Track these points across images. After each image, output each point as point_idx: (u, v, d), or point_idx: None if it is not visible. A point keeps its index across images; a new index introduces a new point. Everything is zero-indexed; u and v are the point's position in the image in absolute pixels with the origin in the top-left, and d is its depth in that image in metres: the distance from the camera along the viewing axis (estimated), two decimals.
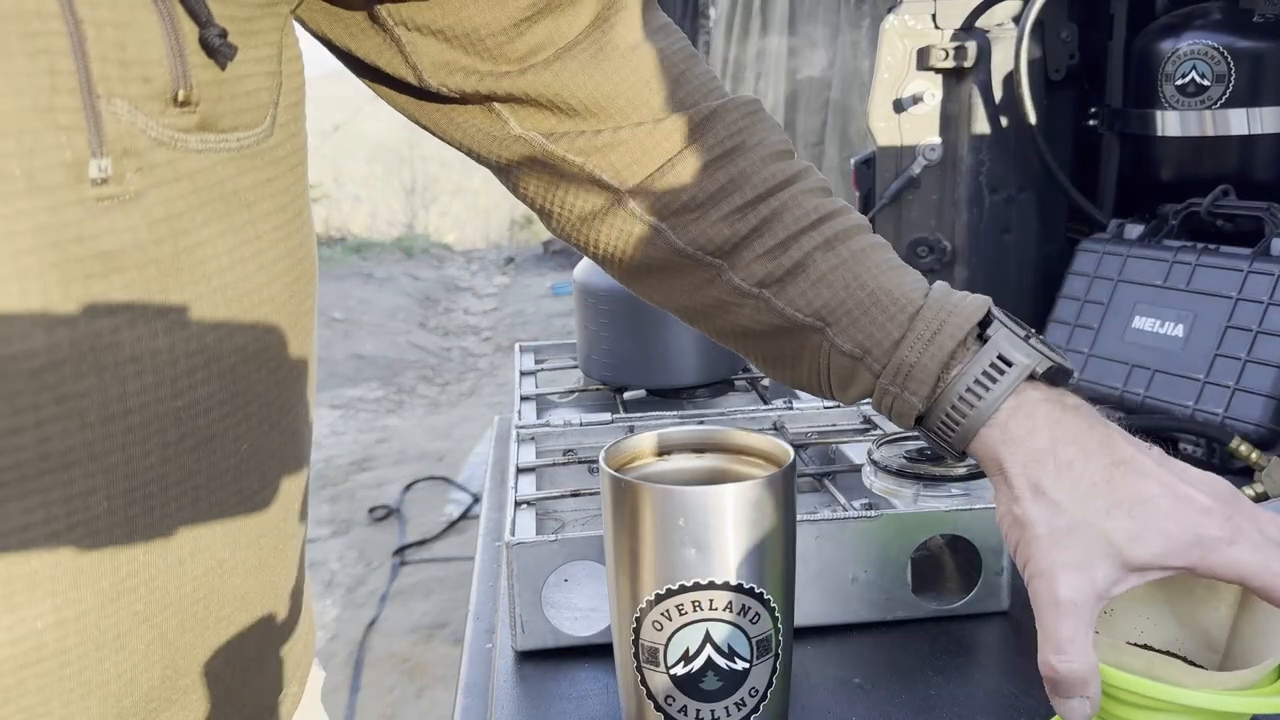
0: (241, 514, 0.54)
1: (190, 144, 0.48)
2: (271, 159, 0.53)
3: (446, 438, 4.31)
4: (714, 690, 0.55)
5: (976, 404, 0.55)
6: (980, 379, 0.55)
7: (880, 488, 0.74)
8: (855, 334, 0.58)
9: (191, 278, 0.49)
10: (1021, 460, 0.53)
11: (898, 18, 1.21)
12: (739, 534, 0.53)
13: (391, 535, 3.40)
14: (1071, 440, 0.53)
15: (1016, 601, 0.72)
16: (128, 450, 0.47)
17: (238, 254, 0.51)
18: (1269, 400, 0.93)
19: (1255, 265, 0.98)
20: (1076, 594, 0.50)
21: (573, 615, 0.70)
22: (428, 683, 2.59)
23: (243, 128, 0.51)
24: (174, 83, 0.46)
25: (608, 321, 1.01)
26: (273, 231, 0.54)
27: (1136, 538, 0.50)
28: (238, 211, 0.51)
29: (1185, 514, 0.50)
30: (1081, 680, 0.49)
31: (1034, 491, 0.52)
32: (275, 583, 0.59)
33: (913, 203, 1.26)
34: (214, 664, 0.55)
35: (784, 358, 0.62)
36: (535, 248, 8.54)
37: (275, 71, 0.54)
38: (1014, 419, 0.54)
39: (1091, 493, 0.51)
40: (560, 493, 0.78)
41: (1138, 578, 0.51)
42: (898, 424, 0.59)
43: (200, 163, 0.48)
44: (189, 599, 0.52)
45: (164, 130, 0.46)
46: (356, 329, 5.99)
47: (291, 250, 0.56)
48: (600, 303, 1.01)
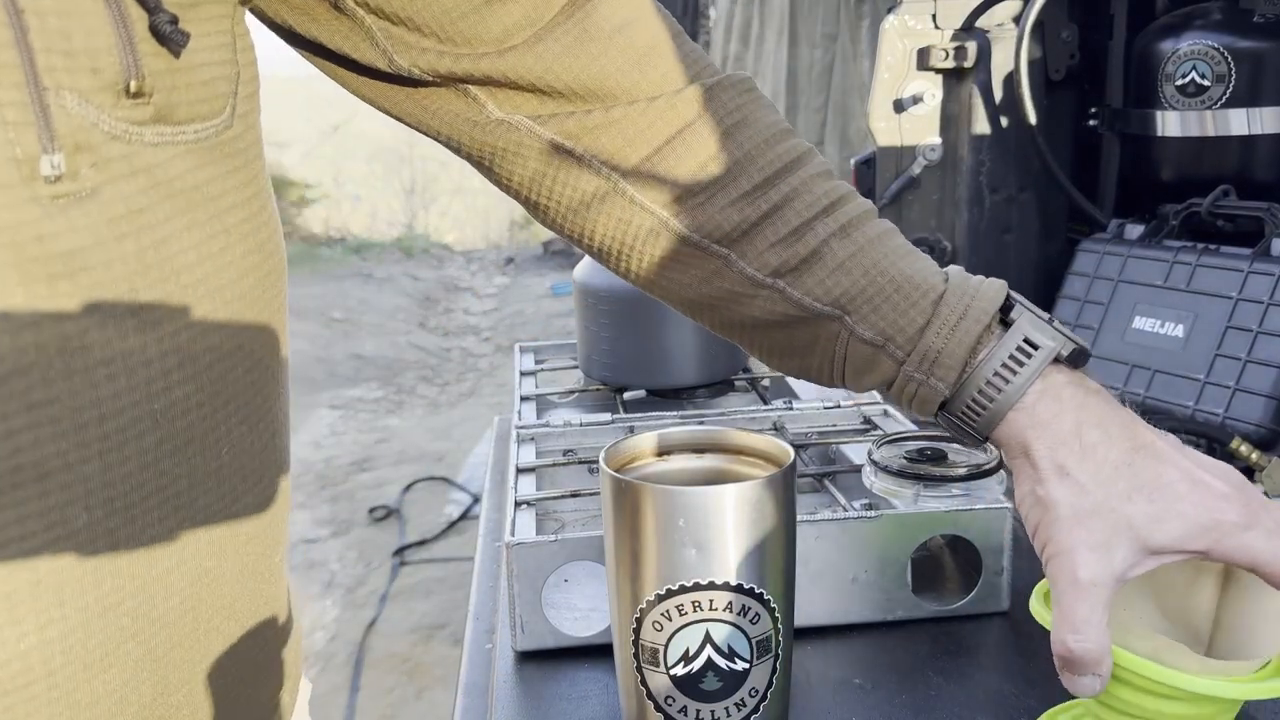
0: (225, 520, 0.53)
1: (146, 137, 0.46)
2: (232, 151, 0.51)
3: (446, 438, 4.31)
4: (714, 691, 0.55)
5: (1004, 388, 0.54)
6: (1007, 363, 0.54)
7: (880, 488, 0.74)
8: (877, 321, 0.57)
9: (160, 275, 0.47)
10: (1048, 443, 0.53)
11: (898, 18, 1.21)
12: (739, 534, 0.53)
13: (391, 535, 3.40)
14: (1096, 424, 0.53)
15: (1016, 601, 0.72)
16: (105, 458, 0.45)
17: (205, 250, 0.49)
18: (1269, 400, 0.93)
19: (1255, 265, 0.98)
20: (1096, 574, 0.50)
21: (573, 615, 0.70)
22: (427, 683, 2.59)
23: (200, 119, 0.49)
24: (125, 73, 0.44)
25: (608, 321, 1.01)
26: (240, 225, 0.52)
27: (1157, 521, 0.50)
28: (201, 206, 0.49)
29: (1203, 499, 0.50)
30: (1095, 659, 0.49)
31: (1059, 473, 0.52)
32: (262, 590, 0.58)
33: (913, 203, 1.26)
34: (205, 679, 0.53)
35: (794, 348, 0.60)
36: (535, 248, 8.54)
37: (231, 60, 0.51)
38: (1041, 402, 0.54)
39: (1114, 476, 0.52)
40: (560, 493, 0.78)
41: (1154, 561, 0.51)
42: (917, 411, 0.58)
43: (158, 156, 0.46)
44: (176, 611, 0.51)
45: (117, 124, 0.44)
46: (356, 329, 5.99)
47: (260, 244, 0.54)
48: (600, 303, 1.01)
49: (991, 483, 0.72)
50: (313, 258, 7.74)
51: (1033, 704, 0.62)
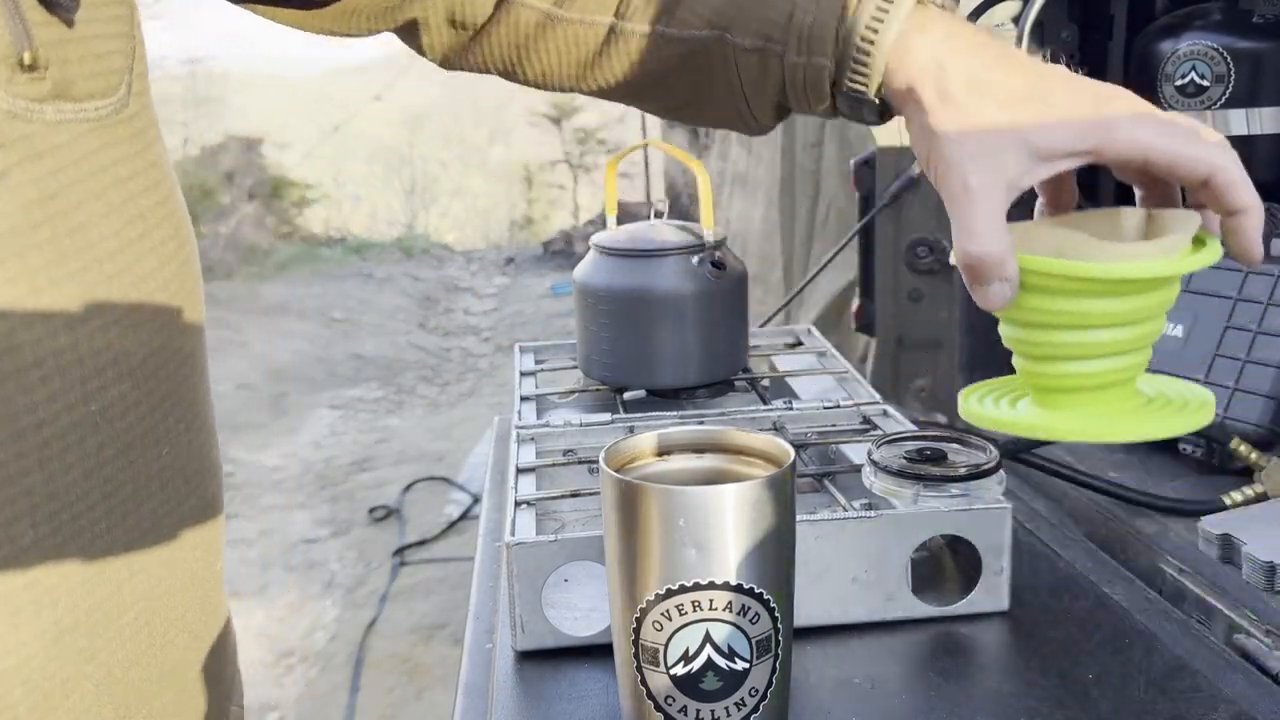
0: (172, 527, 0.51)
1: (47, 115, 0.44)
2: (132, 131, 0.50)
3: (446, 438, 4.31)
4: (714, 690, 0.55)
5: (877, 39, 0.55)
6: (875, 14, 0.56)
7: (880, 488, 0.74)
8: (752, 26, 0.59)
9: (80, 264, 0.45)
10: (931, 75, 0.54)
11: None
12: (739, 534, 0.53)
13: (391, 535, 3.40)
14: (972, 50, 0.54)
15: (1016, 601, 0.72)
16: (47, 467, 0.43)
17: (124, 235, 0.48)
18: (1269, 400, 0.93)
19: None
20: (985, 180, 0.50)
21: (573, 615, 0.70)
22: (427, 683, 2.59)
23: (98, 95, 0.48)
24: (15, 44, 0.43)
25: (608, 321, 1.01)
26: (154, 210, 0.51)
27: (1042, 124, 0.51)
28: (113, 189, 0.48)
29: (1089, 100, 0.52)
30: (997, 262, 0.49)
31: (943, 100, 0.53)
32: (209, 599, 0.57)
33: (913, 203, 1.26)
34: (164, 697, 0.52)
35: (699, 89, 0.63)
36: (535, 248, 8.55)
37: (127, 34, 0.50)
38: (917, 40, 0.55)
39: (998, 92, 0.52)
40: (560, 493, 0.78)
41: (1046, 168, 0.51)
42: (814, 101, 0.60)
43: (61, 136, 0.45)
44: (131, 628, 0.49)
45: (15, 101, 0.43)
46: (356, 329, 6.00)
47: (175, 230, 0.53)
48: (600, 303, 1.01)
49: (991, 483, 0.72)
50: (313, 258, 7.75)
51: (1032, 704, 0.62)
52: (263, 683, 2.59)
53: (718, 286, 0.98)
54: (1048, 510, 0.92)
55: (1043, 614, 0.72)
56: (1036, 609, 0.72)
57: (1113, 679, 0.63)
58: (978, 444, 0.75)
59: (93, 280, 0.46)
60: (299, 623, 2.88)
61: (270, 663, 2.69)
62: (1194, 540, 0.83)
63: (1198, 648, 0.67)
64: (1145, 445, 1.03)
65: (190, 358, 0.53)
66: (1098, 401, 0.53)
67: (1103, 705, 0.61)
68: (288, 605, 2.97)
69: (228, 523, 0.62)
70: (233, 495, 3.50)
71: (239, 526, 3.36)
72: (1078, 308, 0.50)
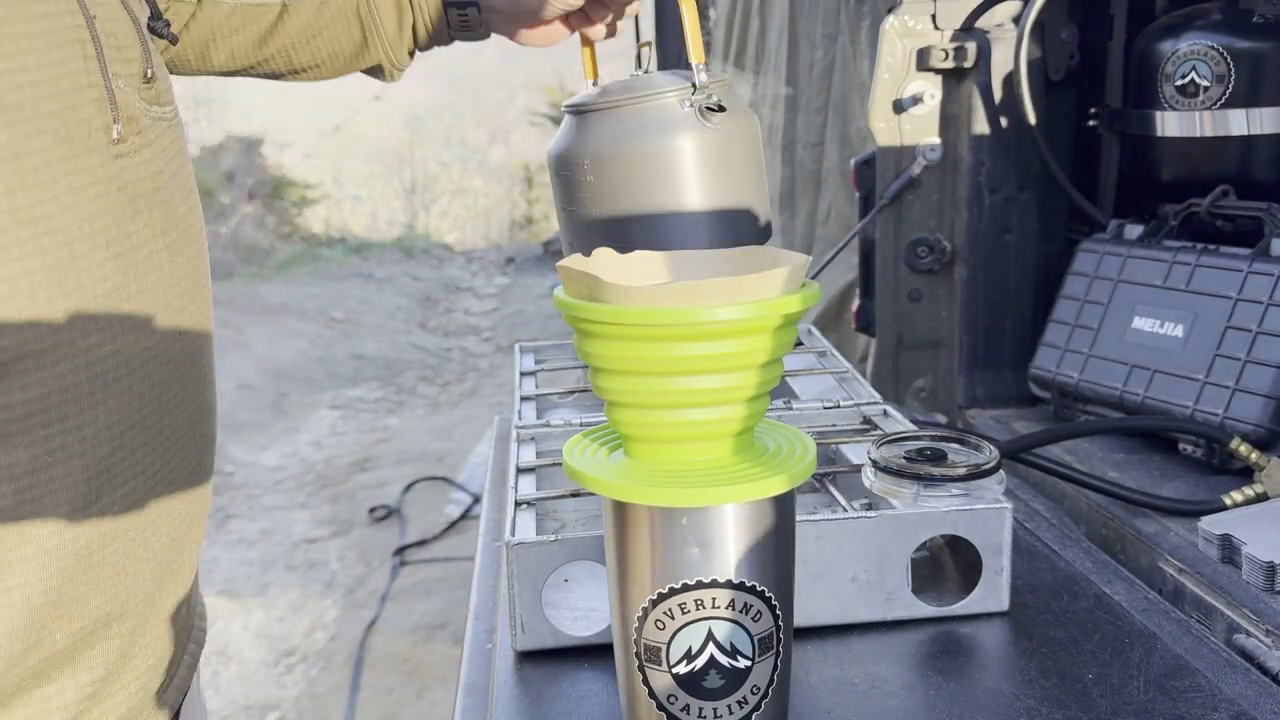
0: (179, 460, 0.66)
1: (153, 113, 0.63)
2: (180, 133, 0.68)
3: (447, 438, 4.31)
4: (716, 688, 0.55)
5: None
6: None
7: (880, 488, 0.74)
8: None
9: (183, 237, 0.64)
10: None
11: (898, 18, 1.21)
12: (740, 533, 0.53)
13: (391, 535, 3.39)
14: None
15: (1016, 601, 0.72)
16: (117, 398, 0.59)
17: (194, 216, 0.67)
18: (1269, 400, 0.93)
19: (1255, 266, 0.98)
20: None
21: (573, 615, 0.70)
22: (428, 683, 2.59)
23: (169, 102, 0.66)
24: (144, 61, 0.63)
25: (589, 196, 0.94)
26: (197, 206, 0.68)
27: None
28: (186, 176, 0.67)
29: None
30: None
31: None
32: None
33: (913, 203, 1.26)
34: None
35: (340, 36, 0.89)
36: (535, 248, 8.54)
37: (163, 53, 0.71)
38: None
39: None
40: (560, 493, 0.78)
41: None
42: (434, 21, 0.89)
43: (158, 130, 0.64)
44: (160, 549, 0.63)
45: (141, 103, 0.62)
46: (357, 329, 5.99)
47: (200, 215, 0.69)
48: (576, 173, 0.95)
49: (991, 483, 0.72)
50: (313, 258, 7.74)
51: (1032, 704, 0.62)
52: (263, 682, 2.59)
53: (717, 134, 0.83)
54: (1048, 510, 0.92)
55: (1043, 614, 0.72)
56: (1036, 609, 0.73)
57: (1113, 679, 0.63)
58: (978, 444, 0.76)
59: (191, 254, 0.66)
60: (299, 622, 2.88)
61: (271, 662, 2.69)
62: (1194, 540, 0.83)
63: (1198, 648, 0.67)
64: (1145, 445, 1.03)
65: (208, 330, 0.69)
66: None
67: (1103, 705, 0.61)
68: (288, 605, 2.97)
69: (228, 523, 0.68)
70: (233, 495, 3.51)
71: (239, 526, 3.36)
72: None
